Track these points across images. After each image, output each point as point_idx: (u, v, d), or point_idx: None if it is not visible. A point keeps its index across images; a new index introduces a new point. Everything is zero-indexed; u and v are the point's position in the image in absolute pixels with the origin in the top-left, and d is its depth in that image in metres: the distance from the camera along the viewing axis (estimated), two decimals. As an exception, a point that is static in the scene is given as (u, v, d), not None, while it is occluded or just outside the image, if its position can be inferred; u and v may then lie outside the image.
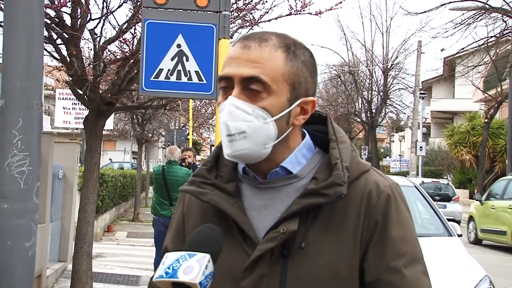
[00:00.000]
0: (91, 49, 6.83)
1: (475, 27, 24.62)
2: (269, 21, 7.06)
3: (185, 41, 4.93)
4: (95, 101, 6.41)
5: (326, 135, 1.46)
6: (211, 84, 4.97)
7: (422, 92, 34.57)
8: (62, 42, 6.10)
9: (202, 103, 20.53)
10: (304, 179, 1.41)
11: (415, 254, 1.39)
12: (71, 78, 6.43)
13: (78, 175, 9.50)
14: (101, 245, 12.15)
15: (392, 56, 41.40)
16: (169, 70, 4.92)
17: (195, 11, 4.95)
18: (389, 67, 41.35)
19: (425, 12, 22.61)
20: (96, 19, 6.24)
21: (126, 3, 6.35)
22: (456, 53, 24.87)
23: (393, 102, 43.33)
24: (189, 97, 8.81)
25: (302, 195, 1.37)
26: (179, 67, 4.93)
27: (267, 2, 6.78)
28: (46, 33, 5.67)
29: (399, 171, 41.72)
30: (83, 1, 5.82)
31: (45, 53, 6.01)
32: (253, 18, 6.99)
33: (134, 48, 6.31)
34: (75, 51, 5.96)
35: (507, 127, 22.35)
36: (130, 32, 6.37)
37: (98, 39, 6.29)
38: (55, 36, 6.04)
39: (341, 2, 7.02)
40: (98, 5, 6.24)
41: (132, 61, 6.34)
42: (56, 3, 5.80)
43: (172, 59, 4.92)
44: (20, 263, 3.17)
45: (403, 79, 41.97)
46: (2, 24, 4.53)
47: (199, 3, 4.91)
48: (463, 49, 22.65)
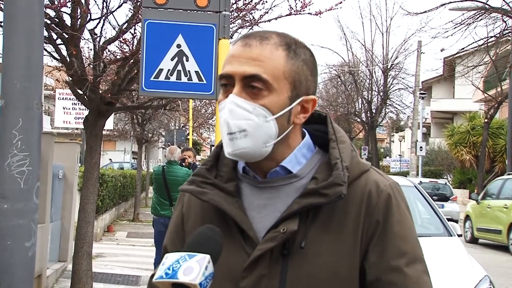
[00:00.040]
0: (91, 49, 6.83)
1: (475, 27, 24.64)
2: (269, 21, 7.07)
3: (185, 41, 4.93)
4: (95, 101, 6.41)
5: (326, 135, 1.46)
6: (211, 84, 4.97)
7: (422, 92, 34.56)
8: (62, 42, 6.10)
9: (202, 103, 20.54)
10: (304, 179, 1.41)
11: (415, 253, 1.39)
12: (71, 78, 6.43)
13: (78, 175, 9.50)
14: (101, 245, 12.15)
15: (392, 56, 41.46)
16: (169, 70, 4.92)
17: (195, 11, 4.95)
18: (389, 67, 41.35)
19: (425, 12, 22.64)
20: (96, 19, 6.25)
21: (126, 3, 6.35)
22: (456, 53, 24.87)
23: (393, 102, 43.40)
24: (189, 97, 8.81)
25: (302, 195, 1.37)
26: (179, 67, 4.93)
27: (267, 2, 6.79)
28: (46, 33, 5.67)
29: (399, 171, 41.68)
30: (83, 1, 5.82)
31: (45, 53, 6.01)
32: (253, 18, 6.99)
33: (134, 48, 6.31)
34: (75, 51, 5.96)
35: (507, 127, 22.34)
36: (130, 32, 6.38)
37: (98, 39, 6.29)
38: (55, 36, 6.04)
39: (341, 2, 7.02)
40: (98, 5, 6.26)
41: (132, 61, 6.34)
42: (56, 3, 5.80)
43: (172, 59, 4.92)
44: (20, 263, 3.17)
45: (403, 79, 42.04)
46: (2, 24, 4.53)
47: (199, 3, 4.91)
48: (463, 49, 22.65)
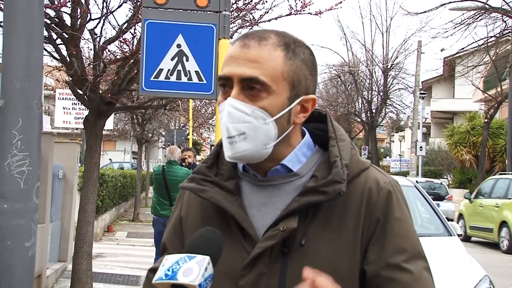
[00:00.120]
0: (91, 49, 6.83)
1: (475, 27, 24.61)
2: (269, 21, 7.08)
3: (185, 41, 4.94)
4: (95, 101, 6.41)
5: (325, 133, 1.46)
6: (211, 84, 4.97)
7: (422, 92, 34.59)
8: (62, 42, 6.10)
9: (202, 103, 20.53)
10: (304, 177, 1.41)
11: (416, 250, 1.39)
12: (71, 78, 6.43)
13: (78, 175, 9.50)
14: (101, 245, 12.15)
15: (392, 56, 41.46)
16: (169, 70, 4.92)
17: (195, 11, 4.96)
18: (389, 67, 41.35)
19: (425, 12, 22.61)
20: (96, 19, 6.25)
21: (126, 3, 6.35)
22: (456, 53, 24.87)
23: (393, 102, 43.40)
24: (189, 97, 8.81)
25: (301, 193, 1.37)
26: (179, 67, 4.93)
27: (267, 2, 6.79)
28: (46, 33, 5.67)
29: (399, 171, 41.70)
30: (83, 1, 5.82)
31: (45, 53, 6.01)
32: (253, 18, 7.00)
33: (134, 48, 6.31)
34: (75, 51, 5.96)
35: (507, 127, 22.34)
36: (130, 32, 6.38)
37: (98, 39, 6.29)
38: (55, 36, 6.04)
39: (341, 2, 7.02)
40: (98, 5, 6.27)
41: (132, 61, 6.34)
42: (56, 3, 5.80)
43: (172, 59, 4.92)
44: (20, 263, 3.17)
45: (403, 79, 42.03)
46: (2, 24, 4.52)
47: (199, 3, 4.91)
48: (463, 49, 22.63)
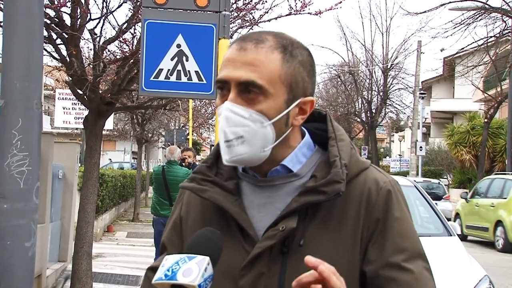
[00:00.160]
0: (91, 49, 6.83)
1: (474, 27, 24.56)
2: (269, 21, 7.07)
3: (185, 41, 4.94)
4: (95, 101, 6.41)
5: (325, 133, 1.46)
6: (211, 84, 4.97)
7: (422, 92, 34.58)
8: (62, 42, 6.10)
9: (202, 103, 20.53)
10: (303, 178, 1.41)
11: (416, 250, 1.39)
12: (71, 78, 6.43)
13: (78, 175, 9.50)
14: (101, 245, 12.15)
15: (392, 56, 41.44)
16: (169, 70, 4.92)
17: (195, 11, 4.96)
18: (389, 67, 41.34)
19: (425, 12, 22.58)
20: (96, 19, 6.25)
21: (126, 3, 6.35)
22: (456, 53, 24.87)
23: (393, 102, 43.40)
24: (189, 97, 8.81)
25: (301, 193, 1.37)
26: (179, 67, 4.93)
27: (267, 2, 6.79)
28: (46, 33, 5.67)
29: (399, 171, 41.71)
30: (83, 1, 5.82)
31: (45, 53, 6.01)
32: (253, 18, 6.99)
33: (134, 48, 6.31)
34: (75, 51, 5.96)
35: (507, 127, 22.34)
36: (130, 32, 6.38)
37: (98, 39, 6.29)
38: (55, 36, 6.04)
39: (341, 2, 7.02)
40: (98, 5, 6.28)
41: (132, 61, 6.34)
42: (56, 3, 5.80)
43: (172, 59, 4.93)
44: (20, 263, 3.17)
45: (403, 79, 42.03)
46: (2, 24, 4.52)
47: (199, 3, 4.91)
48: (462, 49, 22.62)
